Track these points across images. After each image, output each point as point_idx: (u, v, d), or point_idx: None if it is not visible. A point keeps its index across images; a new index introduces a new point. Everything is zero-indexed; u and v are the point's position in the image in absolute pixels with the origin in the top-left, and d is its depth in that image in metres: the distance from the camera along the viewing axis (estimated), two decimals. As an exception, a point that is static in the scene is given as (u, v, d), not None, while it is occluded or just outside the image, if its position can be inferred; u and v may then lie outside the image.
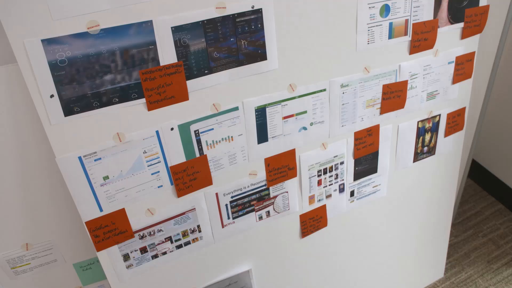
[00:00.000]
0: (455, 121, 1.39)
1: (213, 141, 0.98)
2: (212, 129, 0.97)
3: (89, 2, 0.75)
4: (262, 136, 1.04)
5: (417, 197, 1.49)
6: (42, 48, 0.74)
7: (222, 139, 0.99)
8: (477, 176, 2.41)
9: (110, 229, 0.97)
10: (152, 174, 0.95)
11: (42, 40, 0.74)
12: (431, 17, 1.12)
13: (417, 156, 1.37)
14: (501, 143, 2.20)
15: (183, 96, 0.89)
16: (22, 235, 1.02)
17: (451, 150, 1.46)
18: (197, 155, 0.98)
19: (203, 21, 0.84)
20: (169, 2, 0.80)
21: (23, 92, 0.84)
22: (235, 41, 0.89)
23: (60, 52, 0.76)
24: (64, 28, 0.75)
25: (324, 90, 1.06)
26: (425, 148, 1.37)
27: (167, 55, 0.84)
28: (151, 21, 0.80)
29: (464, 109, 1.39)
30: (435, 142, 1.39)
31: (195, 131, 0.95)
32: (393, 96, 1.18)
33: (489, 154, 2.31)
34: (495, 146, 2.24)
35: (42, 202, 0.99)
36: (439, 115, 1.33)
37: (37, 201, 0.99)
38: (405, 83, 1.18)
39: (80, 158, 0.86)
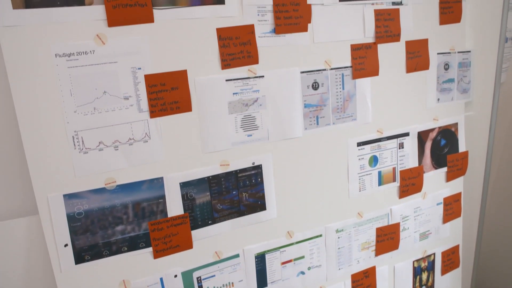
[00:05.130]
0: (450, 259, 1.42)
1: (214, 287, 1.01)
2: (214, 275, 1.00)
3: (109, 161, 0.85)
4: (262, 281, 1.07)
5: (420, 339, 1.45)
6: (63, 202, 0.82)
7: (223, 285, 1.02)
8: (483, 309, 2.34)
9: None
10: (153, 321, 0.96)
11: (64, 195, 0.82)
12: (416, 164, 1.23)
13: (416, 296, 1.37)
14: (501, 275, 2.19)
15: (187, 244, 0.95)
16: None
17: (450, 288, 1.46)
18: (198, 301, 1.01)
19: (208, 177, 0.94)
20: (179, 160, 0.91)
21: (39, 240, 0.89)
22: (237, 194, 0.98)
23: (78, 206, 0.84)
24: (84, 184, 0.84)
25: (320, 235, 1.12)
26: (423, 288, 1.38)
27: (174, 207, 0.92)
28: (162, 178, 0.90)
29: (457, 246, 1.43)
30: (433, 281, 1.40)
31: (197, 278, 0.99)
32: (387, 238, 1.23)
33: (490, 287, 2.27)
34: (496, 277, 2.22)
35: None
36: (434, 254, 1.37)
37: None
38: (397, 225, 1.24)
39: (85, 305, 0.89)
